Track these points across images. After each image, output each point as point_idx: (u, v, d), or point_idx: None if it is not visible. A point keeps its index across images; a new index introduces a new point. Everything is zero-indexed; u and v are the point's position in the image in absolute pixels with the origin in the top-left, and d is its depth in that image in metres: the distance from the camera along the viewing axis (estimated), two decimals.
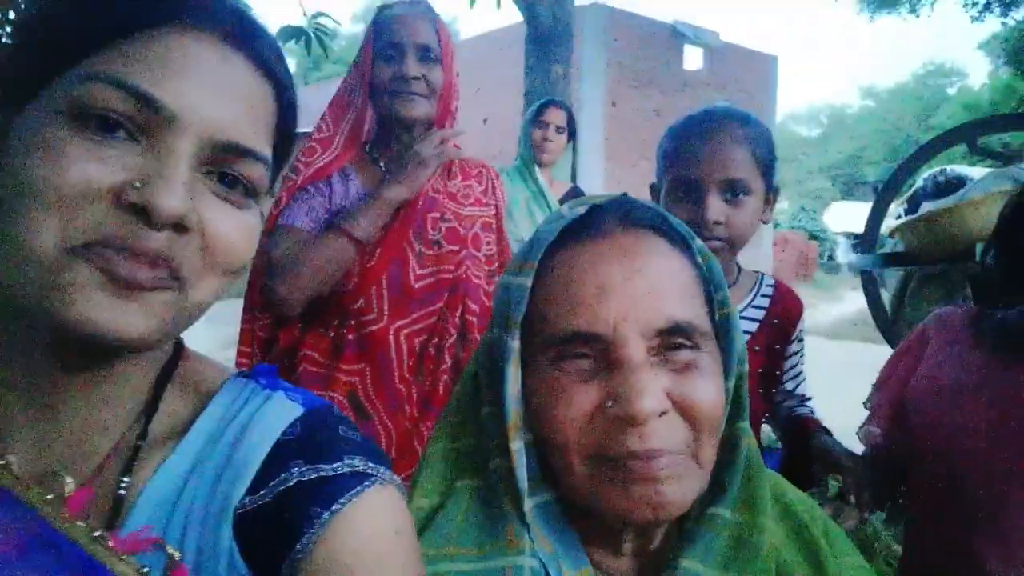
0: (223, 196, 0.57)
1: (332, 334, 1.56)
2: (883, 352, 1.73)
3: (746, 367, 0.70)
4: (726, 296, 0.69)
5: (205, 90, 0.54)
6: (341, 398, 1.52)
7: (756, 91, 16.67)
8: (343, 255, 1.50)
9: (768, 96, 17.35)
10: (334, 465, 0.58)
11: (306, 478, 0.57)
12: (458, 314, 1.59)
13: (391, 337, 1.55)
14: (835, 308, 15.65)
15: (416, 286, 1.56)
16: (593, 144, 12.97)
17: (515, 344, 0.66)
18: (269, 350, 1.58)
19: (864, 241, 3.13)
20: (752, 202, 1.32)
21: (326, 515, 0.55)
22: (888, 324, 2.92)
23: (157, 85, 0.52)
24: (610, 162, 13.55)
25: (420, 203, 1.58)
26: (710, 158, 1.30)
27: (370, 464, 0.59)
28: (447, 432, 0.74)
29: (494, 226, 1.72)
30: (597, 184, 12.53)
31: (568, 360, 0.64)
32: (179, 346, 0.67)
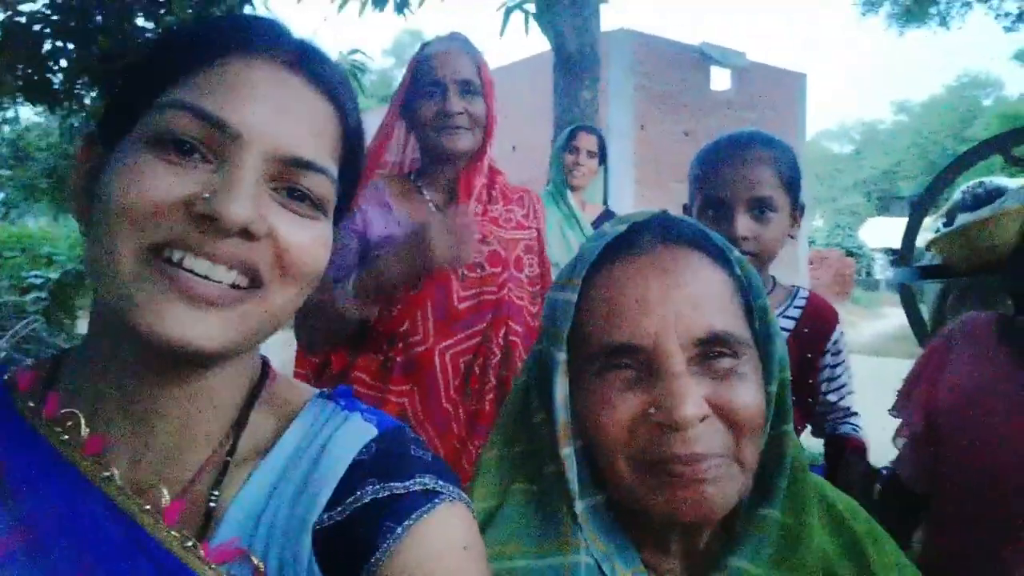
0: (292, 208, 0.60)
1: (381, 357, 1.62)
2: None
3: (787, 373, 0.73)
4: (766, 304, 0.73)
5: (267, 110, 0.59)
6: None
7: (785, 110, 16.61)
8: (343, 324, 1.54)
9: (797, 114, 17.27)
10: (406, 483, 0.61)
11: (379, 496, 0.60)
12: (502, 335, 1.63)
13: (437, 358, 1.60)
14: (875, 324, 15.37)
15: (460, 308, 1.62)
16: (623, 168, 13.02)
17: (562, 356, 0.71)
18: (323, 372, 1.64)
19: (901, 256, 3.12)
20: (778, 218, 1.41)
21: (399, 530, 0.58)
22: (929, 338, 2.89)
23: (224, 108, 0.57)
24: (640, 185, 13.58)
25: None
26: (737, 178, 1.40)
27: (440, 482, 0.62)
28: (501, 439, 0.78)
29: (536, 248, 1.77)
30: (628, 207, 12.54)
31: (612, 370, 0.68)
32: (266, 367, 0.71)
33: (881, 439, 1.55)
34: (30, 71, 3.82)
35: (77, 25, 3.70)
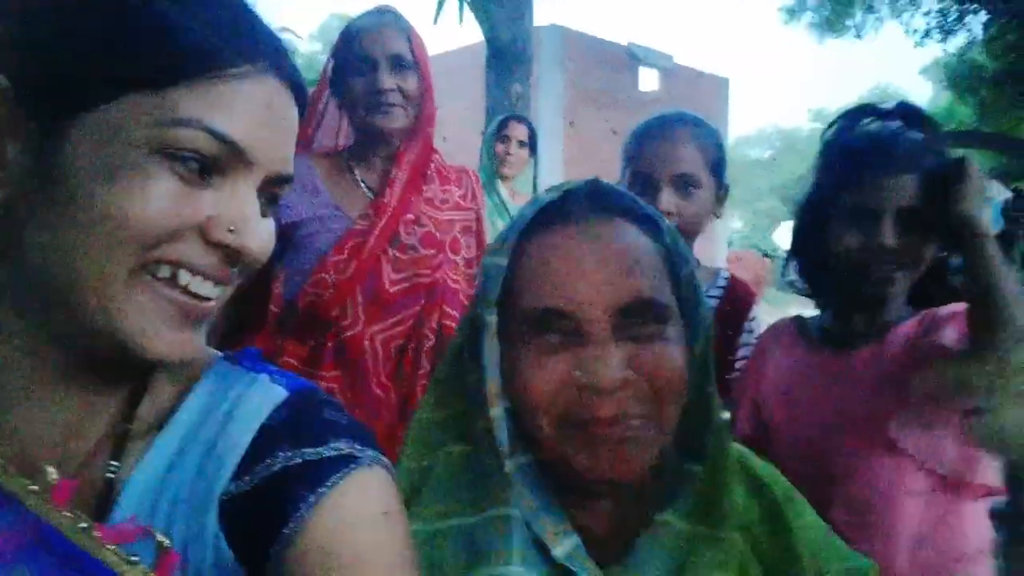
0: (265, 212, 0.60)
1: (311, 342, 1.56)
2: None
3: (711, 336, 0.75)
4: (692, 271, 0.75)
5: (277, 134, 0.59)
6: None
7: (709, 113, 17.03)
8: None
9: (721, 118, 17.79)
10: (319, 449, 0.58)
11: (291, 463, 0.57)
12: (435, 319, 1.60)
13: (367, 343, 1.56)
14: None
15: (391, 291, 1.57)
16: (552, 164, 13.11)
17: (492, 319, 0.72)
18: None
19: None
20: (701, 195, 1.48)
21: (312, 498, 0.55)
22: None
23: (239, 131, 0.55)
24: (568, 178, 13.71)
25: (394, 209, 1.58)
26: (663, 155, 1.49)
27: (356, 446, 0.59)
28: (434, 401, 0.78)
29: (474, 230, 1.73)
30: None
31: (541, 334, 0.69)
32: None
33: None
34: None
35: None
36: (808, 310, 1.49)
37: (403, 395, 1.58)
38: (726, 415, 0.78)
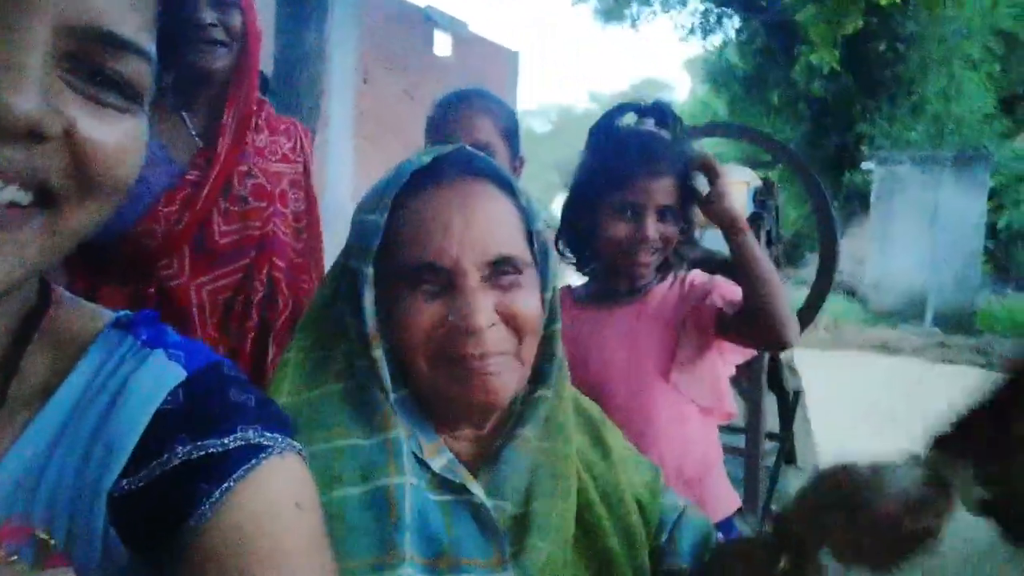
0: (96, 98, 0.46)
1: (129, 289, 1.49)
2: None
3: (557, 283, 0.90)
4: (542, 228, 0.88)
5: None
6: None
7: (499, 84, 17.52)
8: None
9: (510, 90, 18.32)
10: (224, 440, 0.53)
11: (192, 457, 0.52)
12: (265, 271, 1.60)
13: (193, 294, 1.52)
14: None
15: (221, 243, 1.55)
16: (344, 119, 12.76)
17: (370, 271, 0.80)
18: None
19: None
20: (497, 161, 1.63)
21: (216, 494, 0.51)
22: None
23: None
24: (360, 139, 13.43)
25: (226, 158, 1.55)
26: (459, 125, 1.68)
27: (266, 434, 0.55)
28: (309, 342, 0.84)
29: (302, 183, 1.73)
30: (347, 162, 12.38)
31: (417, 284, 0.78)
32: (46, 288, 0.58)
33: None
34: None
35: None
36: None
37: (231, 348, 1.57)
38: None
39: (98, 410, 0.52)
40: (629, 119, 1.54)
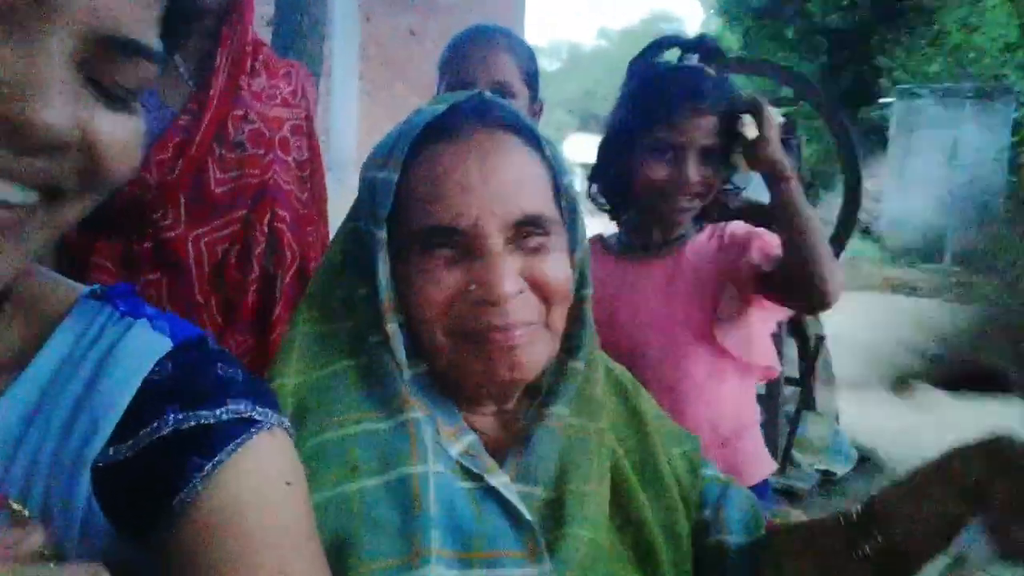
0: (109, 101, 0.46)
1: (124, 243, 1.41)
2: None
3: (586, 245, 0.81)
4: (571, 183, 0.79)
5: None
6: None
7: (506, 20, 17.07)
8: None
9: (517, 27, 17.85)
10: (216, 411, 0.52)
11: (183, 427, 0.51)
12: (267, 221, 1.50)
13: (190, 246, 1.44)
14: None
15: (217, 191, 1.45)
16: (347, 59, 12.47)
17: (383, 235, 0.72)
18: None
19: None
20: (517, 104, 1.55)
21: (208, 466, 0.50)
22: None
23: None
24: (364, 82, 13.15)
25: (220, 101, 1.44)
26: (476, 64, 1.55)
27: (257, 408, 0.55)
28: (317, 315, 0.77)
29: (305, 130, 1.62)
30: (352, 108, 12.13)
31: (433, 250, 0.70)
32: None
33: None
34: None
35: None
36: (596, 220, 1.63)
37: (230, 301, 1.49)
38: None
39: (81, 380, 0.52)
40: (671, 55, 1.44)
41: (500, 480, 0.71)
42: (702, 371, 1.39)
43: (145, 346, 0.54)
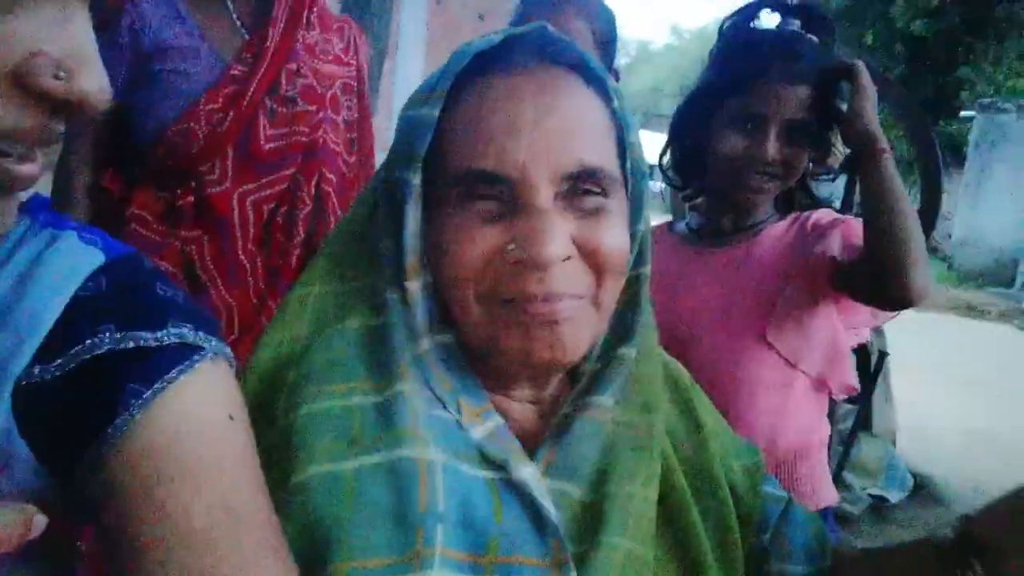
0: None
1: (166, 194, 1.36)
2: None
3: (647, 215, 0.70)
4: (638, 142, 0.68)
5: None
6: (174, 270, 1.35)
7: None
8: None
9: (610, 33, 17.63)
10: (157, 334, 0.48)
11: (120, 347, 0.47)
12: (314, 182, 1.44)
13: (235, 203, 1.38)
14: None
15: (266, 148, 1.39)
16: (415, 41, 12.48)
17: (416, 180, 0.62)
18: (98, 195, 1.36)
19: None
20: None
21: (147, 394, 0.46)
22: None
23: None
24: (431, 63, 13.15)
25: (275, 52, 1.38)
26: (546, 21, 1.41)
27: (200, 334, 0.50)
28: (335, 273, 0.68)
29: (355, 89, 1.55)
30: (416, 83, 12.15)
31: (472, 200, 0.60)
32: None
33: None
34: None
35: None
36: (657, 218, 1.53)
37: (274, 264, 1.43)
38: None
39: (1, 292, 0.47)
40: (771, 21, 1.27)
41: (527, 471, 0.61)
42: (762, 378, 1.25)
43: (75, 258, 0.49)
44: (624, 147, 0.66)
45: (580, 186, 0.61)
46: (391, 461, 0.57)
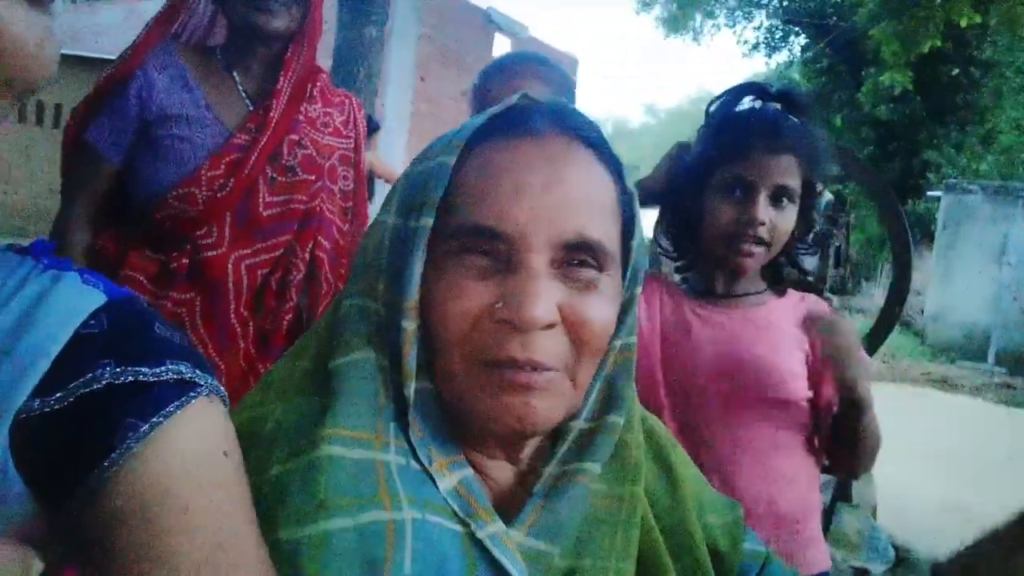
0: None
1: (160, 256, 1.39)
2: None
3: (640, 290, 0.71)
4: (639, 221, 0.69)
5: None
6: None
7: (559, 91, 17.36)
8: None
9: (568, 98, 18.16)
10: (156, 370, 0.49)
11: (119, 381, 0.48)
12: (308, 249, 1.48)
13: (230, 267, 1.42)
14: None
15: (264, 214, 1.43)
16: (400, 117, 12.79)
17: (428, 222, 0.62)
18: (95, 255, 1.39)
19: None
20: None
21: (144, 427, 0.47)
22: None
23: None
24: (414, 137, 13.45)
25: (279, 124, 1.44)
26: (509, 92, 1.48)
27: (196, 372, 0.51)
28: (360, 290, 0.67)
29: (352, 160, 1.61)
30: (399, 159, 12.38)
31: (469, 254, 0.61)
32: None
33: None
34: None
35: None
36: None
37: (264, 329, 1.46)
38: None
39: (2, 329, 0.48)
40: (754, 102, 1.36)
41: (490, 530, 0.59)
42: (766, 440, 1.27)
43: (77, 298, 0.51)
44: (628, 226, 0.68)
45: (576, 257, 0.61)
46: (360, 525, 0.55)
